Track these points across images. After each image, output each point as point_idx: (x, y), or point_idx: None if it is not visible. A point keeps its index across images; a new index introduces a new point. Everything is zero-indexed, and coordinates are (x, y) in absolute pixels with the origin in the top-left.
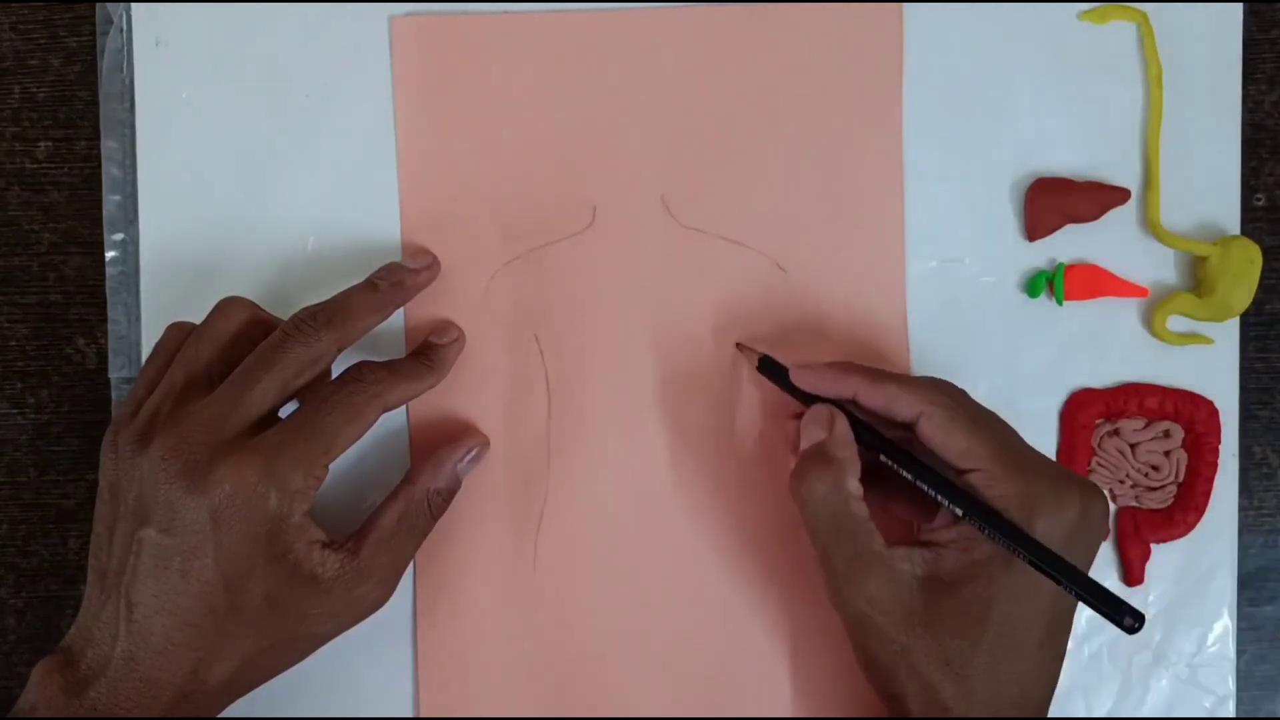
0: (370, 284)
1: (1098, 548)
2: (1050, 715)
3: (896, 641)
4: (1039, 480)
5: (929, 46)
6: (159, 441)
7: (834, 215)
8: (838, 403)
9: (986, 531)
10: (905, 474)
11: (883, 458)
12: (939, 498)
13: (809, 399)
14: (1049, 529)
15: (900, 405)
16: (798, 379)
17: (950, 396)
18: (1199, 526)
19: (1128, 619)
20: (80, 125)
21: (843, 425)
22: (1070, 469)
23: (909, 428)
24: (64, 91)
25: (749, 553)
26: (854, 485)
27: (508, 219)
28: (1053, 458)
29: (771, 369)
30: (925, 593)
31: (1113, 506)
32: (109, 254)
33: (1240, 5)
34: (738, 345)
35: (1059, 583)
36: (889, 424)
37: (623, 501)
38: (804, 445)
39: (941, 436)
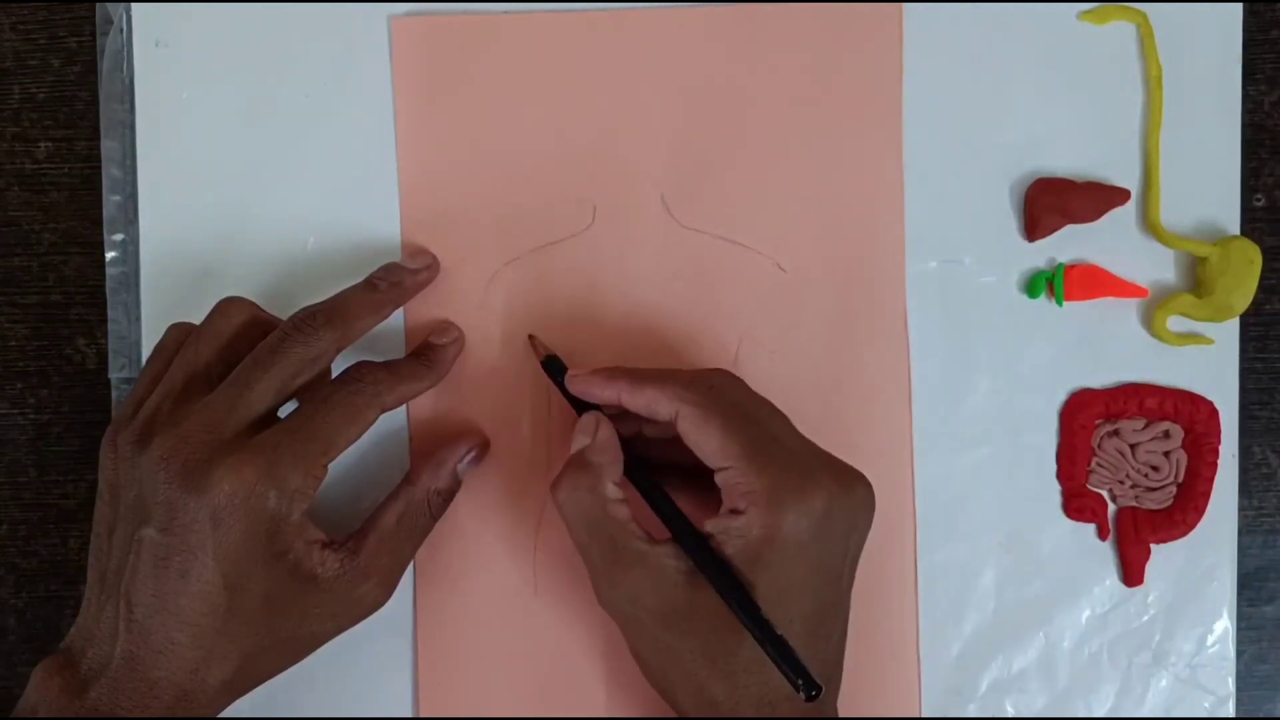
0: (369, 284)
1: (861, 532)
2: (1049, 715)
3: (661, 639)
4: (788, 473)
5: (929, 46)
6: (158, 441)
7: (834, 215)
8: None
9: (707, 576)
10: (646, 498)
11: (631, 478)
12: (668, 525)
13: (583, 405)
14: (797, 520)
15: (658, 407)
16: (571, 386)
17: (707, 392)
18: (1199, 526)
19: (805, 686)
20: (80, 125)
21: (605, 432)
22: (1072, 468)
23: None
24: (64, 91)
25: None
26: (611, 490)
27: (508, 219)
28: (1052, 461)
29: (554, 370)
30: (689, 589)
31: (1112, 507)
32: (109, 254)
33: (1240, 5)
34: (529, 337)
35: (753, 634)
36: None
37: None
38: (571, 451)
39: (695, 436)
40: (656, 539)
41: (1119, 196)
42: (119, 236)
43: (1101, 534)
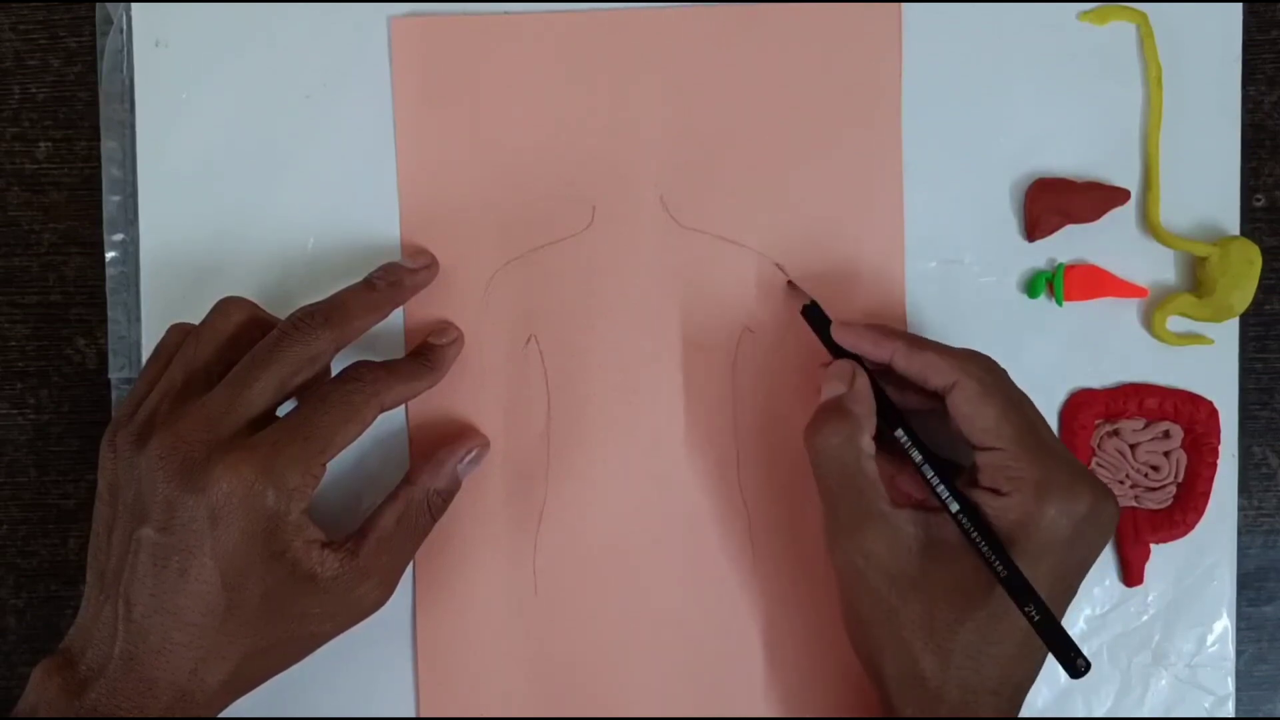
0: (368, 283)
1: (1100, 550)
2: (1050, 715)
3: (886, 601)
4: (1057, 469)
5: (928, 46)
6: (157, 440)
7: (834, 215)
8: (871, 365)
9: (969, 533)
10: (911, 453)
11: (896, 433)
12: (933, 485)
13: (843, 353)
14: (1058, 517)
15: (936, 374)
16: (839, 336)
17: (987, 371)
18: (1199, 526)
19: (1080, 661)
20: (80, 125)
21: (863, 383)
22: None
23: (939, 397)
24: (64, 91)
25: (749, 552)
26: (867, 443)
27: (507, 219)
28: None
29: (815, 318)
30: (922, 557)
31: None
32: (109, 254)
33: (1240, 5)
34: (789, 283)
35: (1020, 605)
36: (921, 391)
37: (622, 501)
38: (824, 397)
39: (970, 410)
40: (897, 503)
41: (1119, 196)
42: (119, 236)
43: None
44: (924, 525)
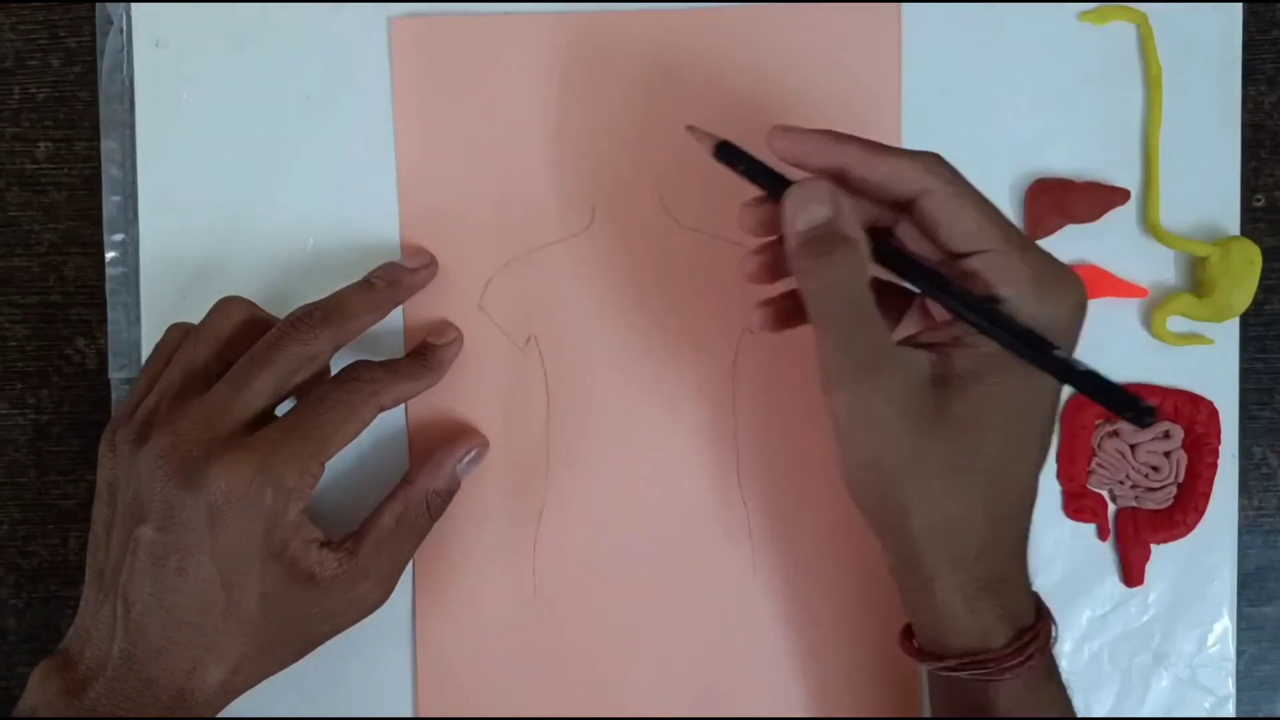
0: (367, 283)
1: (1078, 335)
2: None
3: (904, 443)
4: (1047, 262)
5: (928, 46)
6: (155, 439)
7: None
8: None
9: (996, 336)
10: (910, 283)
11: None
12: (956, 309)
13: (776, 185)
14: (1058, 310)
15: (902, 180)
16: (777, 142)
17: (954, 172)
18: (1199, 527)
19: (1145, 416)
20: (80, 125)
21: (848, 201)
22: (1072, 469)
23: (898, 209)
24: (64, 92)
25: (749, 552)
26: (870, 272)
27: (507, 219)
28: (1052, 461)
29: (730, 155)
30: (935, 393)
31: (1112, 507)
32: (109, 254)
33: (1240, 5)
34: (689, 128)
35: (1076, 384)
36: (877, 205)
37: (621, 502)
38: (800, 225)
39: (948, 215)
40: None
41: (1119, 196)
42: (119, 236)
43: (1102, 534)
44: (928, 362)
